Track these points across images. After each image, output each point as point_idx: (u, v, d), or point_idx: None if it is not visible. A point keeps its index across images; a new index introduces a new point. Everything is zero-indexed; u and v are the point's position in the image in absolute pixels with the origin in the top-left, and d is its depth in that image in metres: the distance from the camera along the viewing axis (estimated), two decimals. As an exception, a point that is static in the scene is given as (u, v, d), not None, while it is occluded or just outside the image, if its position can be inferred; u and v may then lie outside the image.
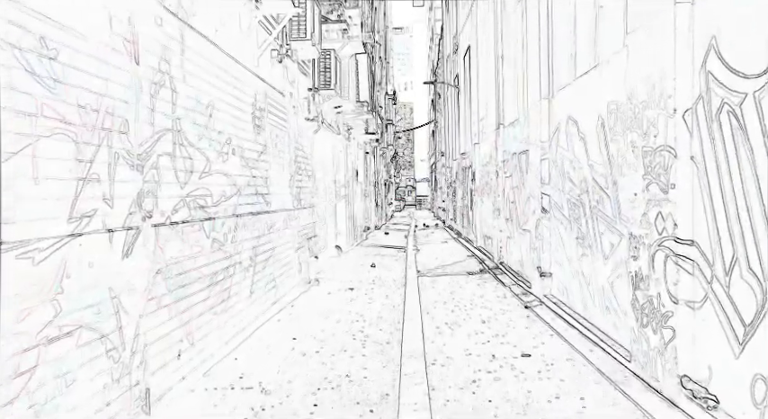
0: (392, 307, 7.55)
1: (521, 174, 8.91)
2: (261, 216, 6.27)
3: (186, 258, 4.13)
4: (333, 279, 9.96)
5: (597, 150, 5.24)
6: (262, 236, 6.29)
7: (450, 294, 8.53)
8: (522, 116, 8.79)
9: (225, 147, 5.09)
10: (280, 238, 7.16)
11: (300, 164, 8.58)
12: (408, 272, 10.95)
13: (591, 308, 5.59)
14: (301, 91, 8.69)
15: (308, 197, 9.10)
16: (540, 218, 7.42)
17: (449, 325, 6.50)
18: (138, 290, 3.32)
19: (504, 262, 10.64)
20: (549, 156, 7.09)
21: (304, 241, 8.70)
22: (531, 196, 7.99)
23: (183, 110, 4.16)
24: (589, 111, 5.49)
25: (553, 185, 6.90)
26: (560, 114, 6.60)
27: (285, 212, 7.48)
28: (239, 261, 5.42)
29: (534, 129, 7.66)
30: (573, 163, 6.08)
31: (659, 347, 3.74)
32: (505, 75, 10.33)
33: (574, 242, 6.10)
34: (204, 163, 4.56)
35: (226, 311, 5.01)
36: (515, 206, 9.45)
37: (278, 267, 7.02)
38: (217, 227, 4.75)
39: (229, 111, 5.26)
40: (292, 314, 6.96)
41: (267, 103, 6.67)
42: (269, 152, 6.73)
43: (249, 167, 5.88)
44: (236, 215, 5.37)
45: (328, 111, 11.06)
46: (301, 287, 8.38)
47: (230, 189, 5.20)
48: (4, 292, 2.22)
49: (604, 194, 5.08)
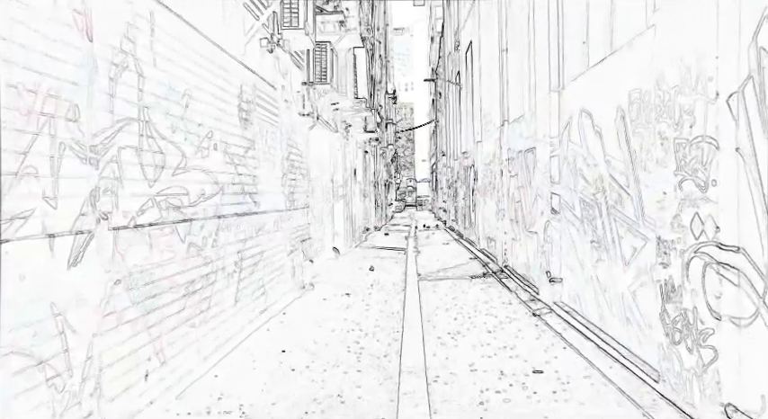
0: (391, 314, 7.06)
1: (527, 173, 8.42)
2: (248, 217, 5.79)
3: (156, 265, 3.65)
4: (329, 283, 9.47)
5: (616, 144, 4.76)
6: (249, 239, 5.80)
7: (452, 300, 8.04)
8: (529, 111, 8.30)
9: (205, 141, 4.61)
10: (270, 241, 6.68)
11: (294, 162, 8.09)
12: (408, 276, 10.46)
13: (608, 319, 5.10)
14: (295, 84, 8.21)
15: (303, 197, 8.62)
16: (549, 220, 6.93)
17: (451, 335, 6.01)
18: (90, 305, 2.83)
19: (508, 266, 10.15)
20: (559, 153, 6.60)
21: (298, 244, 8.22)
22: (538, 196, 7.50)
23: (152, 97, 3.67)
24: (606, 102, 5.00)
25: (564, 184, 6.41)
26: (572, 107, 6.11)
27: (276, 213, 7.00)
28: (222, 266, 4.93)
29: (542, 125, 7.17)
30: (587, 159, 5.59)
31: (696, 369, 3.25)
32: (510, 69, 9.85)
33: (588, 245, 5.61)
34: (179, 158, 4.08)
35: (206, 322, 4.52)
36: (521, 206, 8.96)
37: (268, 272, 6.53)
38: (194, 229, 4.27)
39: (211, 102, 4.78)
40: (283, 322, 6.47)
41: (256, 96, 6.19)
42: (258, 148, 6.24)
43: (234, 164, 5.40)
44: (219, 216, 4.89)
45: (325, 108, 10.57)
46: (295, 292, 7.89)
47: (211, 187, 4.72)
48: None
49: (624, 193, 4.59)
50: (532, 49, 7.99)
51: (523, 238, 8.80)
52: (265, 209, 6.46)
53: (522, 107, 9.04)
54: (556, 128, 6.66)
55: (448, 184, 25.49)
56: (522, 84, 8.91)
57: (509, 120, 9.98)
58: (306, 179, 8.91)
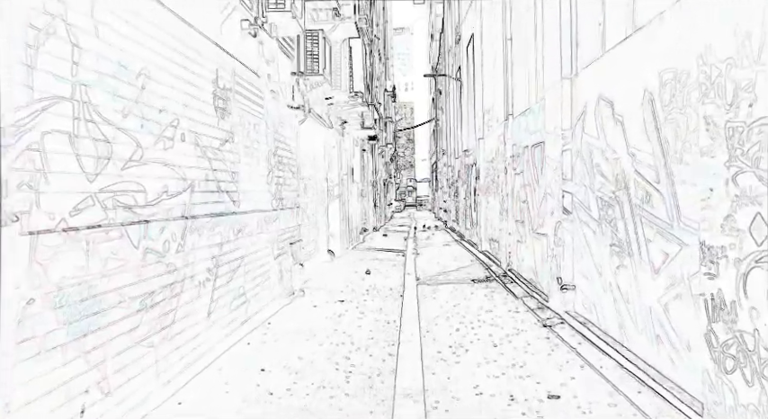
0: (386, 325, 6.44)
1: (534, 170, 7.80)
2: (225, 218, 5.16)
3: (97, 276, 3.03)
4: (321, 288, 8.85)
5: (643, 134, 4.13)
6: (226, 243, 5.18)
7: (453, 307, 7.41)
8: (536, 103, 7.68)
9: (169, 130, 3.98)
10: (253, 244, 6.05)
11: (282, 158, 7.47)
12: (407, 280, 9.83)
13: (631, 334, 4.47)
14: (283, 74, 7.58)
15: (293, 196, 7.99)
16: (560, 221, 6.31)
17: (453, 349, 5.39)
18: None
19: (513, 269, 9.52)
20: (571, 147, 5.98)
21: (286, 246, 7.59)
22: (548, 194, 6.87)
23: (93, 74, 3.05)
24: (629, 87, 4.38)
25: (578, 181, 5.78)
26: (587, 95, 5.49)
27: (261, 213, 6.37)
28: (190, 274, 4.31)
29: (552, 117, 6.55)
30: (605, 153, 4.97)
31: (758, 405, 2.62)
32: (515, 58, 9.22)
33: (606, 249, 4.99)
34: (132, 148, 3.45)
35: (168, 340, 3.90)
36: (527, 206, 8.33)
37: (250, 278, 5.91)
38: (152, 232, 3.64)
39: (177, 86, 4.16)
40: (266, 335, 5.84)
41: (235, 83, 5.57)
42: (238, 141, 5.62)
43: (208, 158, 4.77)
44: (187, 217, 4.26)
45: (318, 102, 9.95)
46: (283, 299, 7.27)
47: (177, 184, 4.09)
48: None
49: (653, 190, 3.97)
50: (540, 35, 7.37)
51: (530, 240, 8.17)
52: (247, 209, 5.84)
53: (527, 100, 8.42)
54: (568, 119, 6.03)
55: (448, 184, 24.85)
56: (529, 74, 8.29)
57: (514, 114, 9.36)
58: (296, 177, 8.29)
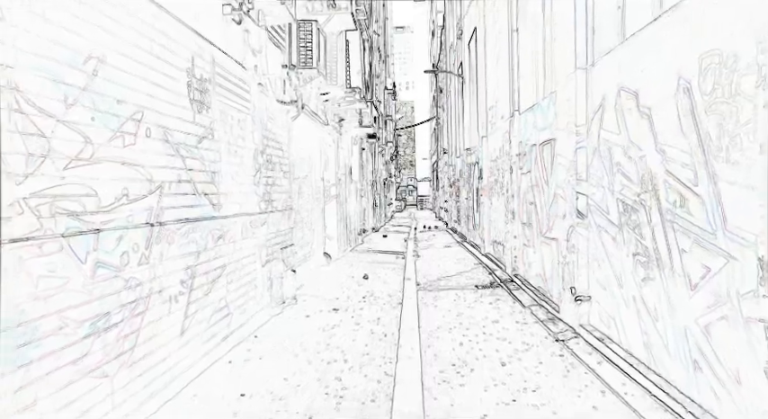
0: (383, 337, 5.91)
1: (543, 170, 7.26)
2: (203, 223, 4.63)
3: (28, 299, 2.50)
4: (316, 295, 8.32)
5: (676, 128, 3.59)
6: (204, 251, 4.65)
7: (456, 317, 6.88)
8: (546, 98, 7.14)
9: (129, 124, 3.45)
10: (237, 251, 5.52)
11: (272, 157, 6.94)
12: (406, 286, 9.30)
13: (661, 356, 3.93)
14: (273, 67, 7.05)
15: (284, 197, 7.46)
16: (573, 225, 5.77)
17: (457, 368, 4.86)
18: None
19: (519, 275, 8.98)
20: (586, 144, 5.44)
21: (277, 252, 7.06)
22: (559, 196, 6.34)
23: (25, 55, 2.52)
24: (659, 75, 3.84)
25: (594, 182, 5.24)
26: (605, 86, 4.95)
27: (246, 217, 5.84)
28: (158, 289, 3.78)
29: (565, 111, 6.01)
30: (628, 150, 4.43)
31: (844, 467, 2.09)
32: (521, 51, 8.68)
33: (629, 259, 4.45)
34: (80, 145, 2.92)
35: (129, 367, 3.37)
36: (535, 208, 7.79)
37: (233, 289, 5.38)
38: (106, 243, 3.11)
39: (141, 74, 3.62)
40: (251, 351, 5.31)
41: (215, 73, 5.03)
42: (219, 138, 5.09)
43: (182, 156, 4.24)
44: (154, 223, 3.73)
45: (312, 97, 9.41)
46: (272, 309, 6.74)
47: (141, 186, 3.56)
48: None
49: (689, 193, 3.43)
50: (549, 23, 6.83)
51: (538, 245, 7.64)
52: (230, 213, 5.30)
53: (535, 94, 7.88)
54: (583, 114, 5.49)
55: (450, 183, 24.31)
56: (536, 67, 7.75)
57: (520, 110, 8.82)
58: (288, 177, 7.75)
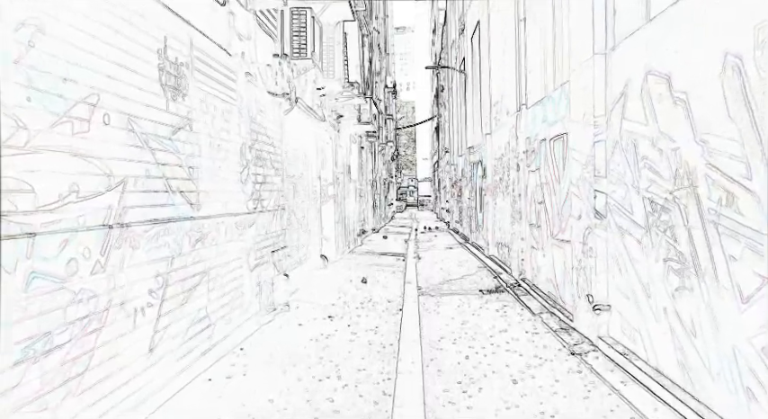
0: (382, 349, 5.39)
1: (554, 167, 6.74)
2: (178, 224, 4.12)
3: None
4: (310, 301, 7.80)
5: (722, 114, 3.07)
6: (180, 256, 4.13)
7: (460, 325, 6.36)
8: (556, 90, 6.62)
9: (80, 107, 2.94)
10: (221, 255, 5.01)
11: (262, 153, 6.42)
12: (407, 290, 8.78)
13: (701, 378, 3.41)
14: (263, 55, 6.53)
15: (275, 196, 6.94)
16: (590, 227, 5.24)
17: (463, 386, 4.34)
18: None
19: (526, 279, 8.46)
20: (605, 137, 4.92)
21: (267, 255, 6.55)
22: (573, 195, 5.81)
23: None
24: (699, 54, 3.32)
25: (614, 179, 4.72)
26: (629, 72, 4.43)
27: (232, 218, 5.33)
28: (119, 301, 3.26)
29: (580, 102, 5.49)
30: (657, 142, 3.91)
31: None
32: (529, 41, 8.16)
33: (658, 264, 3.93)
34: (10, 129, 2.41)
35: (79, 395, 2.85)
36: (545, 208, 7.27)
37: (215, 297, 4.86)
38: (44, 249, 2.60)
39: (96, 51, 3.11)
40: (235, 366, 4.79)
41: (194, 58, 4.52)
42: (198, 130, 4.57)
43: (151, 149, 3.73)
44: (113, 225, 3.22)
45: (307, 91, 8.89)
46: (262, 317, 6.22)
47: (96, 181, 3.05)
48: None
49: (741, 189, 2.91)
50: (562, 8, 6.31)
51: (548, 247, 7.11)
52: (211, 213, 4.79)
53: (544, 87, 7.36)
54: (601, 104, 4.97)
55: (451, 183, 23.79)
56: (546, 57, 7.23)
57: (527, 104, 8.31)
58: (280, 175, 7.24)
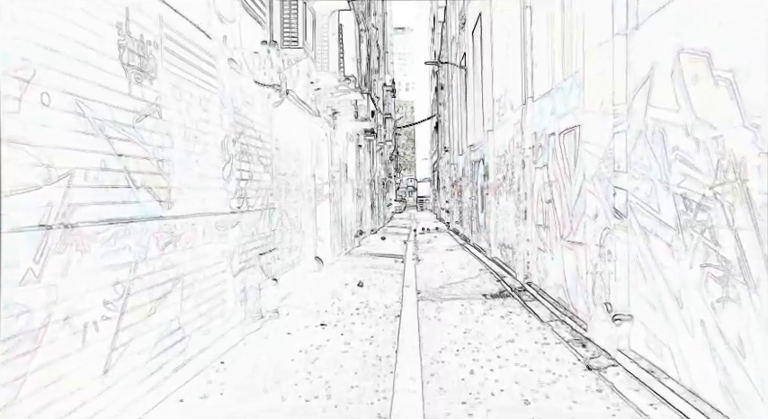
0: (377, 362, 4.88)
1: (564, 162, 6.23)
2: (143, 224, 3.60)
3: None
4: (302, 307, 7.28)
5: (782, 93, 2.57)
6: (145, 261, 3.62)
7: (463, 334, 5.85)
8: (568, 79, 6.11)
9: (8, 83, 2.42)
10: (198, 259, 4.50)
11: (248, 147, 5.91)
12: (405, 294, 8.27)
13: (754, 405, 2.89)
14: (249, 41, 6.02)
15: (263, 194, 6.43)
16: (609, 227, 4.73)
17: (468, 407, 3.83)
18: None
19: (532, 283, 7.95)
20: (626, 127, 4.41)
21: (254, 258, 6.03)
22: (588, 192, 5.30)
23: None
24: (749, 25, 2.82)
25: (637, 173, 4.21)
26: (655, 52, 3.92)
27: (211, 217, 4.82)
28: (62, 316, 2.75)
29: (596, 90, 4.98)
30: (692, 130, 3.40)
31: None
32: (536, 29, 7.66)
33: (694, 271, 3.42)
34: None
35: (4, 432, 2.34)
36: (554, 207, 6.76)
37: (192, 306, 4.35)
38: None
39: (32, 18, 2.60)
40: (212, 383, 4.27)
41: (164, 36, 4.00)
42: (170, 119, 4.06)
43: (107, 137, 3.21)
44: (52, 226, 2.70)
45: (299, 84, 8.38)
46: (247, 326, 5.71)
47: (28, 173, 2.53)
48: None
49: (807, 183, 2.40)
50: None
51: (557, 250, 6.60)
52: (185, 212, 4.27)
53: (552, 78, 6.86)
54: (622, 90, 4.46)
55: (451, 183, 23.28)
56: (554, 46, 6.72)
57: (534, 96, 7.80)
58: (269, 172, 6.72)
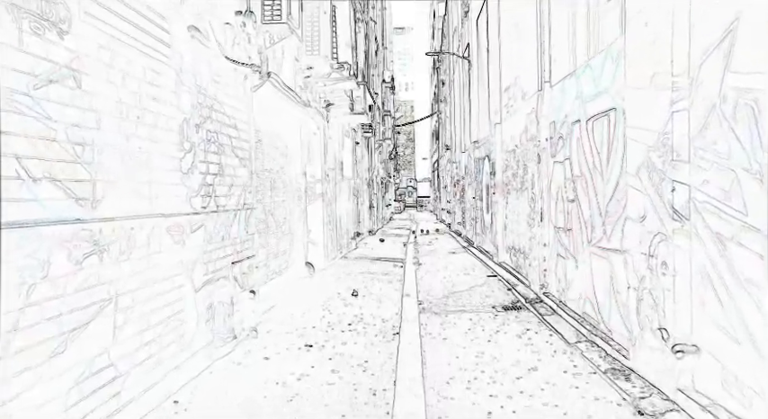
0: (371, 398, 3.90)
1: (594, 154, 5.26)
2: (46, 230, 2.63)
3: None
4: (286, 322, 6.30)
5: None
6: (46, 280, 2.64)
7: (475, 359, 4.88)
8: (599, 54, 5.14)
9: None
10: (143, 271, 3.52)
11: (218, 135, 4.94)
12: (405, 306, 7.29)
13: None
14: (222, 10, 5.05)
15: (238, 193, 5.45)
16: (664, 232, 3.75)
17: (490, 475, 2.85)
18: None
19: (549, 294, 6.98)
20: (689, 104, 3.44)
21: (225, 268, 5.05)
22: (630, 188, 4.32)
23: None
24: None
25: (707, 163, 3.23)
26: (739, 2, 2.95)
27: (163, 219, 3.84)
28: None
29: (646, 60, 4.01)
30: (807, 99, 2.43)
31: None
32: (554, 3, 6.69)
33: (809, 296, 2.45)
34: None
35: None
36: (578, 207, 5.79)
37: (131, 334, 3.37)
38: None
39: None
40: (154, 436, 3.29)
41: (87, -19, 3.03)
42: (95, 90, 3.08)
43: (-18, 106, 2.24)
44: None
45: (285, 67, 7.40)
46: (214, 350, 4.72)
47: None
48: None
49: None
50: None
51: (584, 257, 5.63)
52: (120, 213, 3.30)
53: (575, 57, 5.89)
54: (683, 56, 3.49)
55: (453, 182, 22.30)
56: (577, 19, 5.75)
57: (551, 81, 6.83)
58: (247, 166, 5.74)
